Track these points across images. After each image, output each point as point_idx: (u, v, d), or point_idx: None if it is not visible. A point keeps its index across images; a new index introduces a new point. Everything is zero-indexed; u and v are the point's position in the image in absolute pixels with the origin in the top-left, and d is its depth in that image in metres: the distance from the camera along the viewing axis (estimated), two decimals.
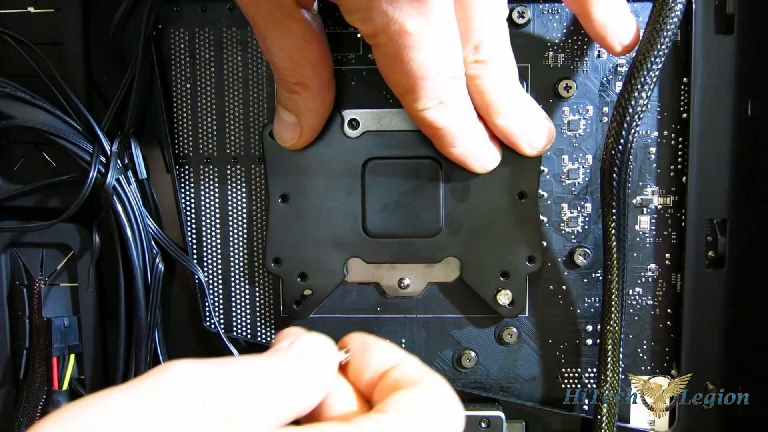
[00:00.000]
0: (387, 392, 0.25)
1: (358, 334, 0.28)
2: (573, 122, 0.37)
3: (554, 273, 0.38)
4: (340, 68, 0.37)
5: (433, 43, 0.28)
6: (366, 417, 0.23)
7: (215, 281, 0.39)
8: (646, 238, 0.38)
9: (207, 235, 0.38)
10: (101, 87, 0.38)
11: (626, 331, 0.38)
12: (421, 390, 0.25)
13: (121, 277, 0.36)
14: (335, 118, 0.36)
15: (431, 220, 0.37)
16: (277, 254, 0.37)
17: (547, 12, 0.37)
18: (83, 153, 0.35)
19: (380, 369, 0.27)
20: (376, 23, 0.27)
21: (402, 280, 0.38)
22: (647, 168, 0.38)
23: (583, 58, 0.37)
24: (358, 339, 0.28)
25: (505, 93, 0.33)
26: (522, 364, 0.39)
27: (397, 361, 0.27)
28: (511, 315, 0.38)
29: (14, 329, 0.39)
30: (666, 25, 0.32)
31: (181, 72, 0.37)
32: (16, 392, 0.39)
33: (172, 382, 0.19)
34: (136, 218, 0.36)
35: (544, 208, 0.38)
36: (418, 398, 0.24)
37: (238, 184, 0.38)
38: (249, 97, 0.37)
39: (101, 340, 0.38)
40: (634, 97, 0.32)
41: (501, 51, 0.32)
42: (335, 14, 0.36)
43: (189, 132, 0.38)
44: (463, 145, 0.33)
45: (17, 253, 0.38)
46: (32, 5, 0.37)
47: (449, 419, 0.25)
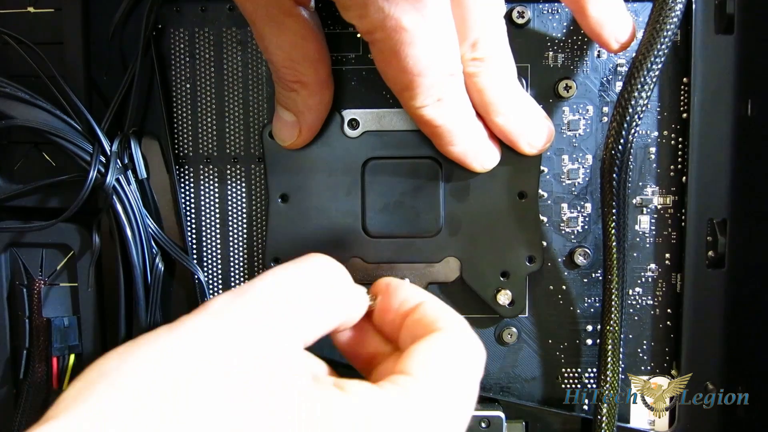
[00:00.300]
0: (410, 336, 0.28)
1: (384, 279, 0.31)
2: (573, 122, 0.37)
3: (554, 273, 0.38)
4: (339, 68, 0.37)
5: (429, 40, 0.28)
6: (392, 382, 0.24)
7: (215, 281, 0.39)
8: (646, 238, 0.38)
9: (207, 235, 0.38)
10: (101, 87, 0.38)
11: (626, 331, 0.38)
12: (442, 339, 0.26)
13: (121, 277, 0.36)
14: (335, 118, 0.36)
15: (431, 220, 0.37)
16: (277, 254, 0.37)
17: (546, 12, 0.37)
18: (83, 153, 0.35)
19: (403, 309, 0.29)
20: (373, 19, 0.28)
21: None
22: (647, 168, 0.38)
23: (583, 58, 0.37)
24: (383, 283, 0.30)
25: (503, 91, 0.33)
26: (522, 364, 0.39)
27: (419, 300, 0.29)
28: (511, 315, 0.38)
29: (14, 329, 0.39)
30: (666, 24, 0.32)
31: (181, 72, 0.37)
32: (16, 392, 0.39)
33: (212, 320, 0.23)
34: (136, 218, 0.36)
35: (544, 208, 0.38)
36: (440, 351, 0.26)
37: (238, 184, 0.38)
38: (249, 97, 0.37)
39: (101, 340, 0.38)
40: (634, 97, 0.32)
41: (499, 49, 0.32)
42: (335, 14, 0.36)
43: (189, 132, 0.38)
44: (462, 143, 0.33)
45: (17, 253, 0.38)
46: (32, 5, 0.37)
47: (470, 369, 0.27)
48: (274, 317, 0.24)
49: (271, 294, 0.25)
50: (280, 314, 0.24)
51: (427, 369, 0.25)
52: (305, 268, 0.27)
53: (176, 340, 0.22)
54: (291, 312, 0.25)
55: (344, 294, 0.28)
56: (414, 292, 0.30)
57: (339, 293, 0.28)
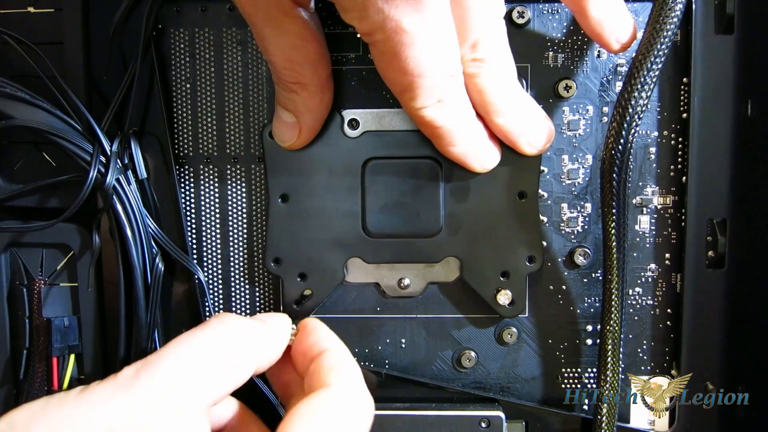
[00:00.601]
0: (308, 384, 0.32)
1: (306, 319, 0.34)
2: (573, 122, 0.37)
3: (554, 273, 0.38)
4: (339, 68, 0.37)
5: (429, 41, 0.28)
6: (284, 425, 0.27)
7: (215, 281, 0.39)
8: (646, 238, 0.38)
9: (207, 235, 0.38)
10: (101, 87, 0.38)
11: (626, 331, 0.38)
12: (326, 398, 0.29)
13: (121, 277, 0.36)
14: (335, 118, 0.36)
15: (431, 220, 0.37)
16: (277, 254, 0.37)
17: (546, 12, 0.37)
18: (83, 153, 0.35)
19: (310, 354, 0.32)
20: (373, 21, 0.28)
21: (402, 280, 0.38)
22: (647, 168, 0.38)
23: (583, 58, 0.37)
24: (303, 323, 0.34)
25: (503, 91, 0.33)
26: (522, 364, 0.39)
27: (323, 348, 0.32)
28: (511, 315, 0.38)
29: (14, 329, 0.39)
30: (666, 25, 0.32)
31: (181, 72, 0.37)
32: (16, 392, 0.39)
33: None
34: (136, 218, 0.36)
35: (544, 208, 0.38)
36: (321, 413, 0.28)
37: (238, 184, 0.38)
38: (249, 97, 0.37)
39: (101, 340, 0.38)
40: (634, 97, 0.32)
41: (499, 49, 0.32)
42: (334, 14, 0.36)
43: (189, 132, 0.38)
44: (463, 144, 0.33)
45: (17, 253, 0.38)
46: (32, 5, 0.37)
47: (352, 428, 0.29)
48: (174, 389, 0.26)
49: (174, 366, 0.27)
50: (180, 386, 0.26)
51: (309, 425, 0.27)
52: (210, 335, 0.29)
53: (84, 409, 0.25)
54: (192, 382, 0.27)
55: (249, 354, 0.30)
56: (322, 338, 0.33)
57: (245, 354, 0.30)
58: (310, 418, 0.28)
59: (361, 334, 0.39)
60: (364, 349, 0.39)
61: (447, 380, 0.39)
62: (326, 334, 0.33)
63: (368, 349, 0.39)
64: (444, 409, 0.38)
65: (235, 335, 0.30)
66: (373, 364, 0.39)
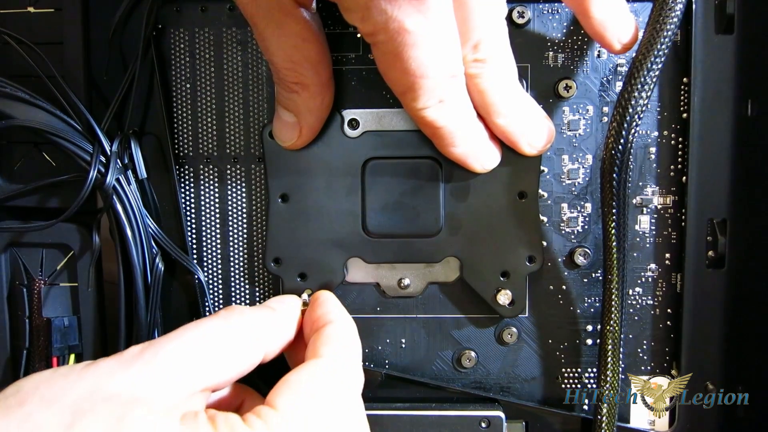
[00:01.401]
0: (307, 353, 0.32)
1: (319, 292, 0.36)
2: (573, 122, 0.37)
3: (554, 273, 0.38)
4: (340, 68, 0.37)
5: (432, 42, 0.28)
6: (258, 415, 0.28)
7: (215, 281, 0.39)
8: (646, 238, 0.38)
9: (207, 235, 0.38)
10: (101, 87, 0.38)
11: (626, 331, 0.38)
12: (316, 367, 0.30)
13: (121, 277, 0.36)
14: (335, 118, 0.36)
15: (431, 220, 0.37)
16: (277, 254, 0.37)
17: (547, 12, 0.37)
18: (83, 153, 0.35)
19: (316, 326, 0.33)
20: (375, 21, 0.28)
21: (402, 280, 0.38)
22: (647, 168, 0.38)
23: (583, 58, 0.37)
24: (315, 295, 0.36)
25: (504, 92, 0.33)
26: (522, 364, 0.39)
27: (328, 320, 0.33)
28: (511, 315, 0.38)
29: (14, 329, 0.39)
30: (666, 25, 0.32)
31: (181, 72, 0.37)
32: None
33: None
34: (136, 218, 0.36)
35: (544, 208, 0.38)
36: (309, 383, 0.29)
37: (238, 183, 0.38)
38: (249, 97, 0.37)
39: (101, 340, 0.38)
40: (634, 97, 0.32)
41: (500, 50, 0.32)
42: (335, 14, 0.36)
43: (189, 132, 0.38)
44: (463, 144, 0.33)
45: (17, 253, 0.38)
46: (32, 5, 0.37)
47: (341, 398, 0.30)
48: (174, 370, 0.27)
49: (177, 350, 0.28)
50: (179, 367, 0.27)
51: (293, 403, 0.28)
52: (216, 324, 0.30)
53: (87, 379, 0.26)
54: (191, 366, 0.28)
55: (254, 343, 0.31)
56: (329, 311, 0.34)
57: (250, 343, 0.31)
58: (296, 387, 0.29)
59: (361, 334, 0.38)
60: (364, 349, 0.39)
61: (447, 380, 0.39)
62: (334, 307, 0.34)
63: (368, 349, 0.39)
64: (444, 409, 0.38)
65: (241, 325, 0.30)
66: (373, 364, 0.39)
